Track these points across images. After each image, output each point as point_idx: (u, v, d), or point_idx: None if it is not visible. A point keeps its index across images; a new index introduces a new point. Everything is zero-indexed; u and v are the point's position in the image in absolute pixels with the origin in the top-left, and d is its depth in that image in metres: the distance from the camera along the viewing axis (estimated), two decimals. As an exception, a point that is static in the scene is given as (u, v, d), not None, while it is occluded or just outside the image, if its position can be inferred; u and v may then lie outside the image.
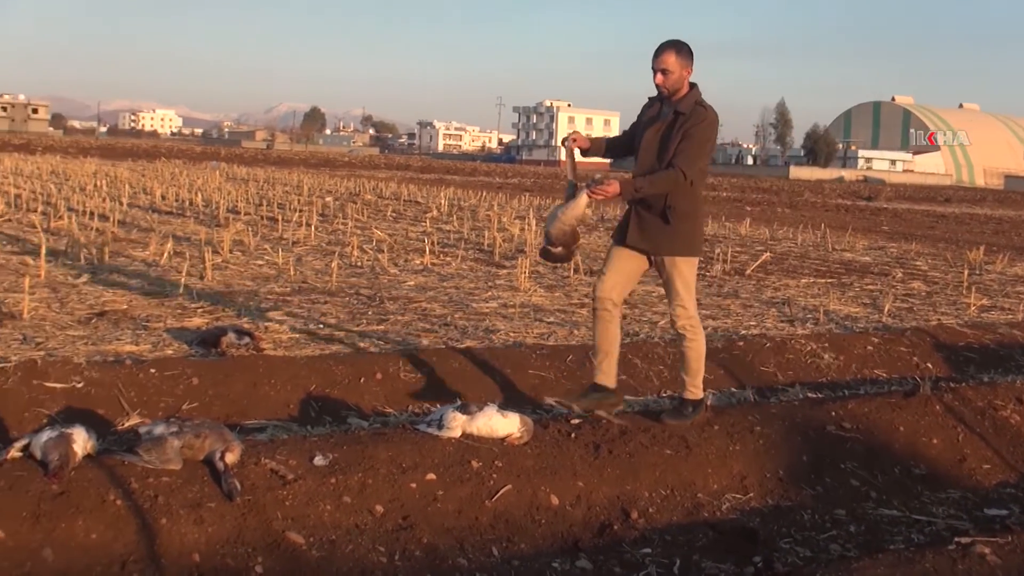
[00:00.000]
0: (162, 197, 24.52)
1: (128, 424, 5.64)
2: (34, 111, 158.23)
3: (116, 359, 6.93)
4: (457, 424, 5.23)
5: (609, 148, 6.01)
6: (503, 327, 9.27)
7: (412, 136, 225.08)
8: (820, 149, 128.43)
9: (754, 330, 9.83)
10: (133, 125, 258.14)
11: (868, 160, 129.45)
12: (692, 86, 5.59)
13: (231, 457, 4.57)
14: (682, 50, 5.51)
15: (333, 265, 12.52)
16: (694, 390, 5.87)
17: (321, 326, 8.93)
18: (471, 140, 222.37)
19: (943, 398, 6.70)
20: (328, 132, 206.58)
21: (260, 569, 4.15)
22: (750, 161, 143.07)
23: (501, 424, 5.27)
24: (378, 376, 6.69)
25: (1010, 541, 4.35)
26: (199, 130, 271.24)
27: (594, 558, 4.60)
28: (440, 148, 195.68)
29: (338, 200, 26.95)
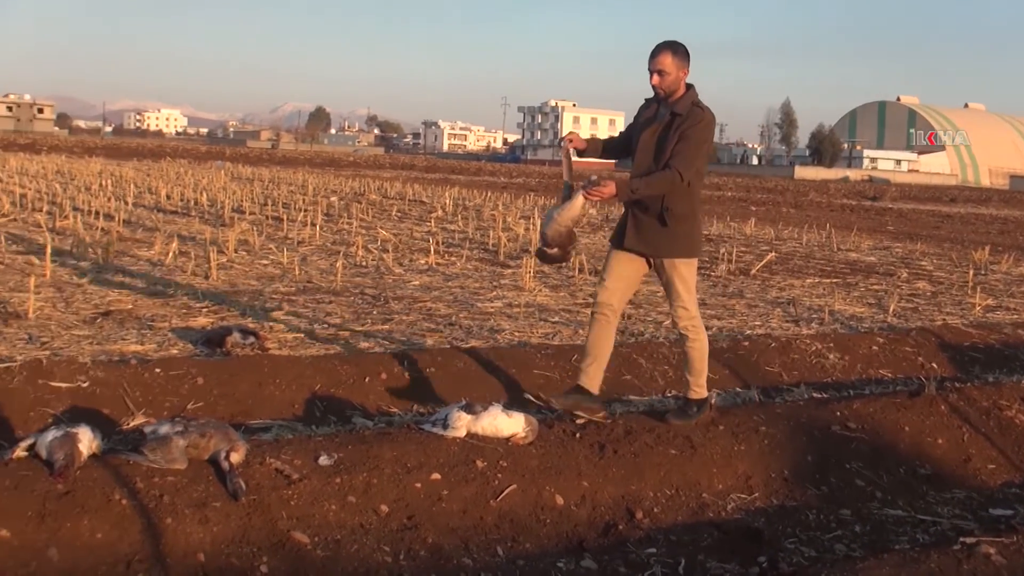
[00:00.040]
0: (167, 197, 24.54)
1: (133, 424, 5.64)
2: (39, 111, 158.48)
3: (121, 359, 6.93)
4: (462, 424, 5.23)
5: (606, 149, 5.99)
6: (508, 327, 9.27)
7: (417, 136, 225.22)
8: (825, 149, 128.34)
9: (759, 330, 9.82)
10: (138, 125, 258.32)
11: (873, 160, 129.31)
12: (689, 87, 5.57)
13: (236, 457, 4.58)
14: (678, 51, 5.49)
15: (338, 265, 12.52)
16: (698, 389, 5.88)
17: (326, 326, 8.94)
18: (476, 140, 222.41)
19: (948, 398, 6.70)
20: (333, 132, 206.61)
21: (265, 569, 4.15)
22: (755, 161, 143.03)
23: (506, 424, 5.27)
24: (383, 376, 6.69)
25: (1015, 541, 4.34)
26: (204, 130, 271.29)
27: (599, 558, 4.60)
28: (445, 148, 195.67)
29: (343, 200, 26.95)
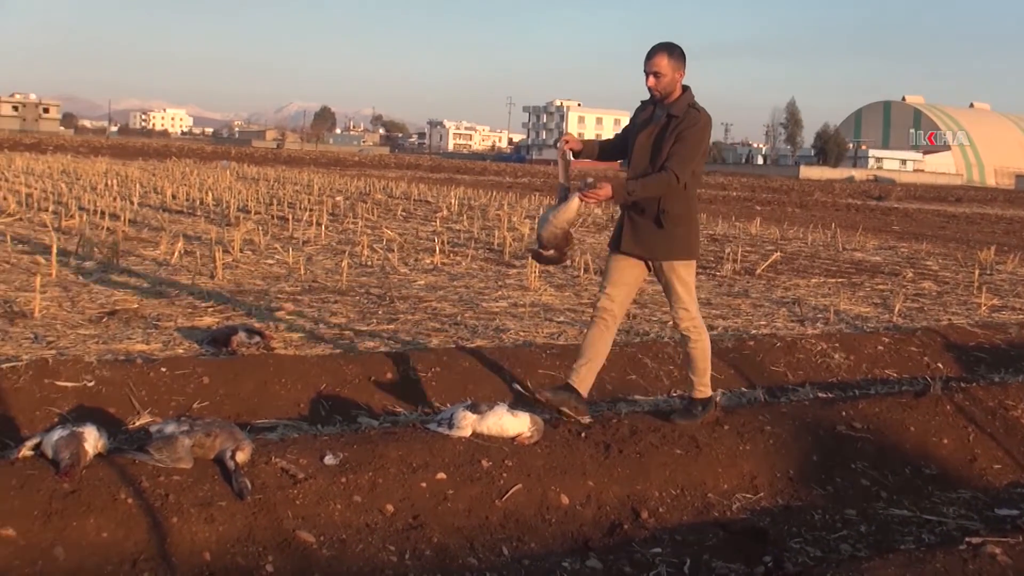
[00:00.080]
0: (173, 196, 24.55)
1: (139, 423, 5.65)
2: (45, 110, 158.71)
3: (127, 358, 6.94)
4: (467, 423, 5.23)
5: (602, 151, 5.96)
6: (513, 326, 9.27)
7: (422, 136, 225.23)
8: (830, 149, 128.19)
9: (764, 330, 9.82)
10: (144, 124, 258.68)
11: (879, 160, 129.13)
12: (685, 89, 5.56)
13: (242, 456, 4.59)
14: (674, 52, 5.48)
15: (343, 264, 12.53)
16: (703, 389, 5.87)
17: (331, 325, 8.94)
18: (481, 140, 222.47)
19: (954, 398, 6.69)
20: (338, 131, 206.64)
21: (270, 568, 4.16)
22: (760, 161, 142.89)
23: (511, 423, 5.27)
24: (388, 375, 6.70)
25: (1021, 541, 4.34)
26: (210, 129, 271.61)
27: (604, 558, 4.60)
28: (450, 148, 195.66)
29: (348, 199, 26.96)
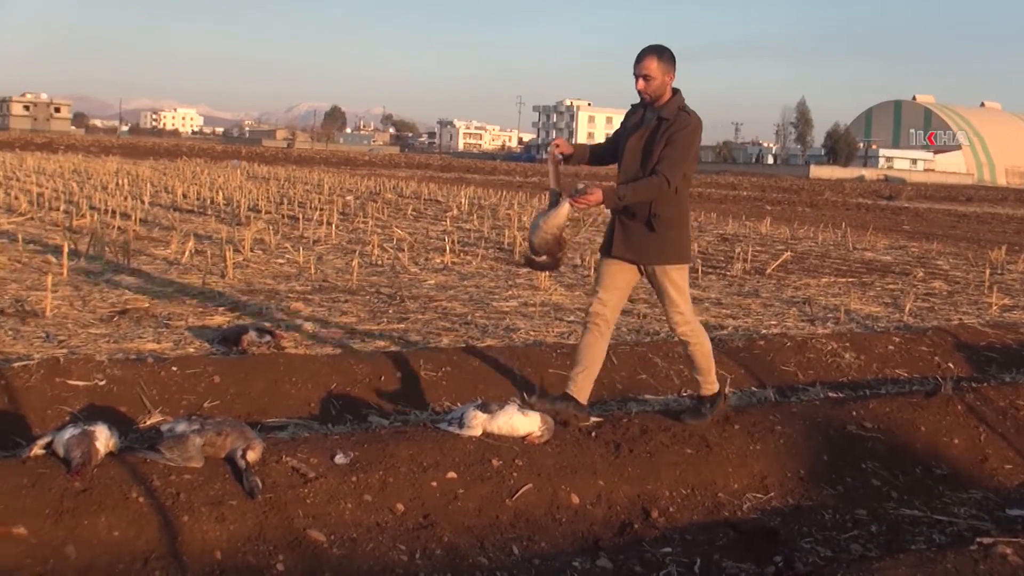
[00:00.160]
0: (183, 196, 24.61)
1: (150, 422, 5.66)
2: (56, 110, 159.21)
3: (138, 357, 6.96)
4: (478, 423, 5.23)
5: (593, 155, 5.94)
6: (523, 326, 9.28)
7: (432, 135, 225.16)
8: (841, 148, 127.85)
9: (775, 329, 9.81)
10: (155, 124, 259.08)
11: (889, 159, 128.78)
12: (675, 92, 5.54)
13: (252, 455, 4.59)
14: (664, 55, 5.46)
15: (354, 264, 12.54)
16: (708, 386, 5.87)
17: (342, 325, 8.95)
18: (491, 139, 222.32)
19: (965, 398, 6.67)
20: (348, 131, 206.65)
21: (281, 567, 4.16)
22: (771, 160, 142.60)
23: (522, 423, 5.27)
24: (398, 375, 6.70)
25: (1033, 542, 4.33)
26: (220, 129, 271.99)
27: (614, 557, 4.60)
28: (460, 147, 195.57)
29: (358, 199, 26.99)
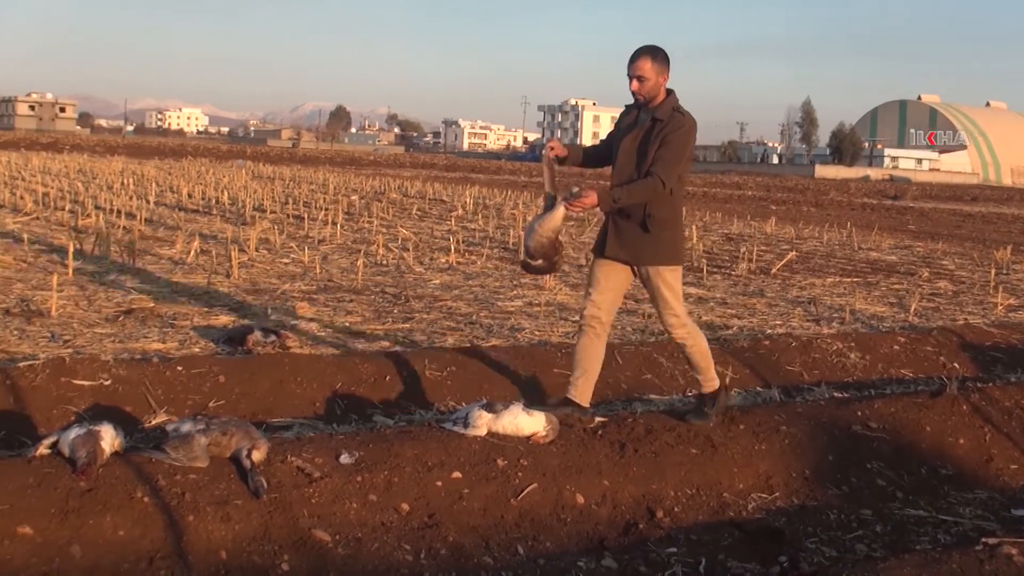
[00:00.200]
0: (188, 195, 24.64)
1: (155, 422, 5.67)
2: (61, 110, 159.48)
3: (143, 357, 6.97)
4: (483, 422, 5.23)
5: (587, 157, 5.95)
6: (528, 325, 9.27)
7: (437, 135, 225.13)
8: (846, 148, 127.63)
9: (780, 329, 9.79)
10: (160, 124, 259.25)
11: (894, 159, 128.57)
12: (669, 92, 5.54)
13: (257, 455, 4.60)
14: (658, 56, 5.46)
15: (359, 263, 12.55)
16: (708, 383, 5.87)
17: (347, 324, 8.96)
18: (496, 139, 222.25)
19: (970, 398, 6.66)
20: (353, 131, 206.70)
21: (286, 567, 4.16)
22: (776, 160, 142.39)
23: (527, 422, 5.27)
24: (403, 374, 6.70)
25: (1039, 542, 4.31)
26: (225, 129, 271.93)
27: (619, 557, 4.60)
28: (465, 147, 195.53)
29: (363, 199, 27.01)
